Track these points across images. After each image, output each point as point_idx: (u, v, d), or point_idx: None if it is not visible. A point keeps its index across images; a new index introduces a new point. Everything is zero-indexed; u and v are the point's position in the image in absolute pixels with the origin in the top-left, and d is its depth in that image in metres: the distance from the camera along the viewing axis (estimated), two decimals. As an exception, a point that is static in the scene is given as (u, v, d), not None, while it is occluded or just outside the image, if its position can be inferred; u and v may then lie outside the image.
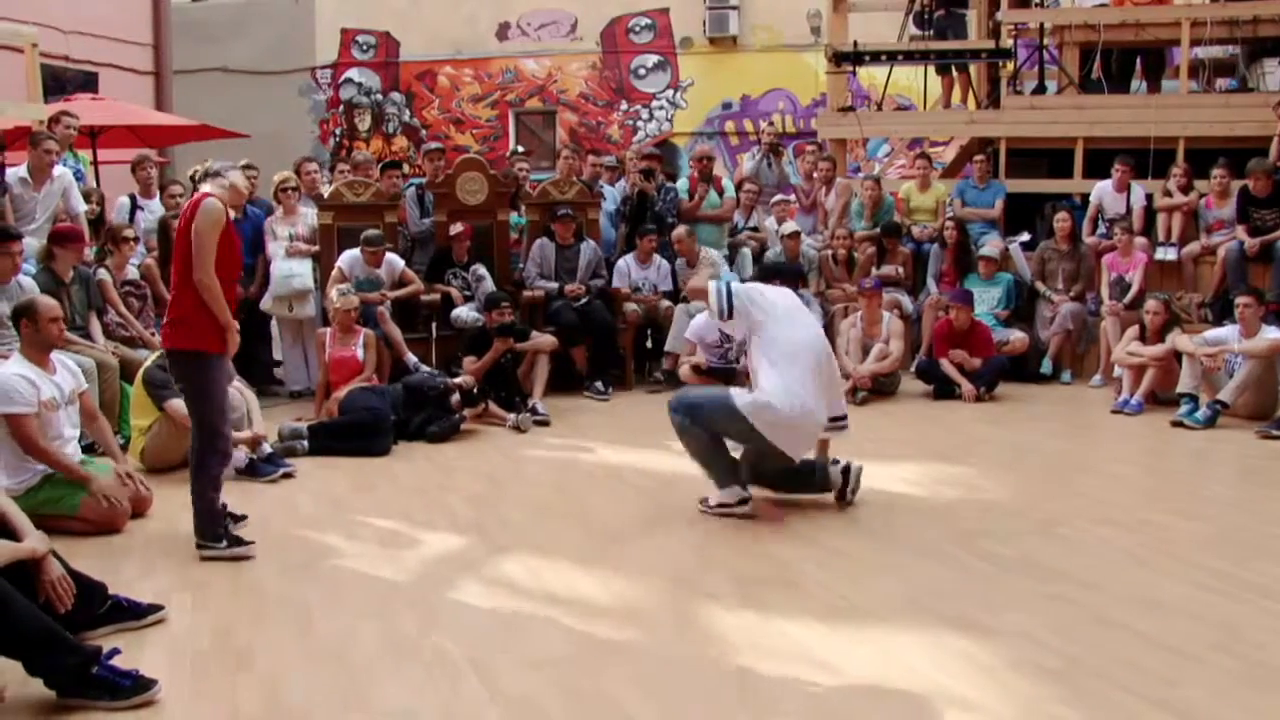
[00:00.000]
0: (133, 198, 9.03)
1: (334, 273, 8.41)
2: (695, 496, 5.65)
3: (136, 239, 8.08)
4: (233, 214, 4.94)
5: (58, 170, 7.80)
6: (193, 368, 4.83)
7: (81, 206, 8.00)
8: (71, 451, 5.36)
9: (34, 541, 3.66)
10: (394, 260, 8.74)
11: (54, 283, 6.97)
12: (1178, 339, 7.96)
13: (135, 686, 3.41)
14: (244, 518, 5.29)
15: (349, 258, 8.49)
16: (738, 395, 5.28)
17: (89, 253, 7.91)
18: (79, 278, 7.25)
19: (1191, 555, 4.78)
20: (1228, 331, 7.83)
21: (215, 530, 4.86)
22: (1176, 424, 7.51)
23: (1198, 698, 3.37)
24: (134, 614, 4.02)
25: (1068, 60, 11.34)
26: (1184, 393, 7.70)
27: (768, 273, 6.29)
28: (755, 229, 10.43)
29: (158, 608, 4.09)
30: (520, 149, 12.36)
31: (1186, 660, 3.65)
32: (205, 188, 4.89)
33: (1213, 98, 10.88)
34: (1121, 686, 3.44)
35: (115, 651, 3.54)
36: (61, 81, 12.15)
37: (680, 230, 9.58)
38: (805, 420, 5.21)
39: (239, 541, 4.89)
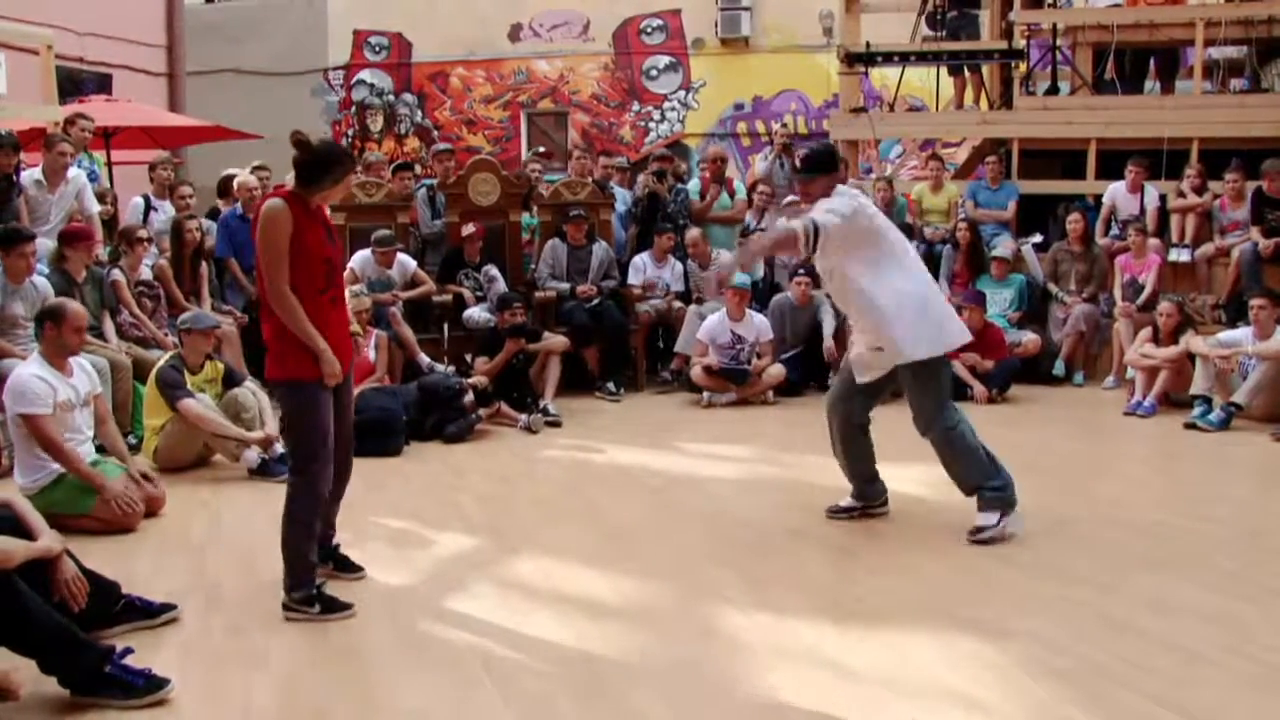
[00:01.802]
0: (146, 198, 9.06)
1: (345, 274, 8.41)
2: (706, 496, 5.63)
3: (150, 240, 8.11)
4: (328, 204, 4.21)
5: (72, 172, 7.85)
6: (286, 398, 4.23)
7: (95, 208, 8.05)
8: (85, 453, 5.38)
9: (48, 540, 3.67)
10: (405, 261, 8.76)
11: (66, 283, 7.00)
12: (1191, 341, 7.93)
13: (148, 685, 3.42)
14: (360, 570, 4.61)
15: (361, 258, 8.51)
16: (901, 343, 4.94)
17: (103, 253, 7.96)
18: (92, 278, 7.29)
19: (1204, 557, 4.76)
20: (1242, 333, 7.81)
21: (305, 586, 4.14)
22: (1190, 426, 7.49)
23: (1210, 700, 3.36)
24: (147, 613, 4.03)
25: (1081, 61, 11.30)
26: (1197, 395, 7.68)
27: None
28: (766, 230, 10.41)
29: (171, 607, 4.10)
30: (540, 149, 12.37)
31: (1198, 662, 3.64)
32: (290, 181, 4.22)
33: (1227, 98, 10.83)
34: (1132, 688, 3.43)
35: (128, 650, 3.55)
36: (76, 83, 12.20)
37: (695, 233, 9.60)
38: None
39: (334, 606, 4.16)
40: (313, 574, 4.23)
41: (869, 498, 5.41)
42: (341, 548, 4.66)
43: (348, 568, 4.61)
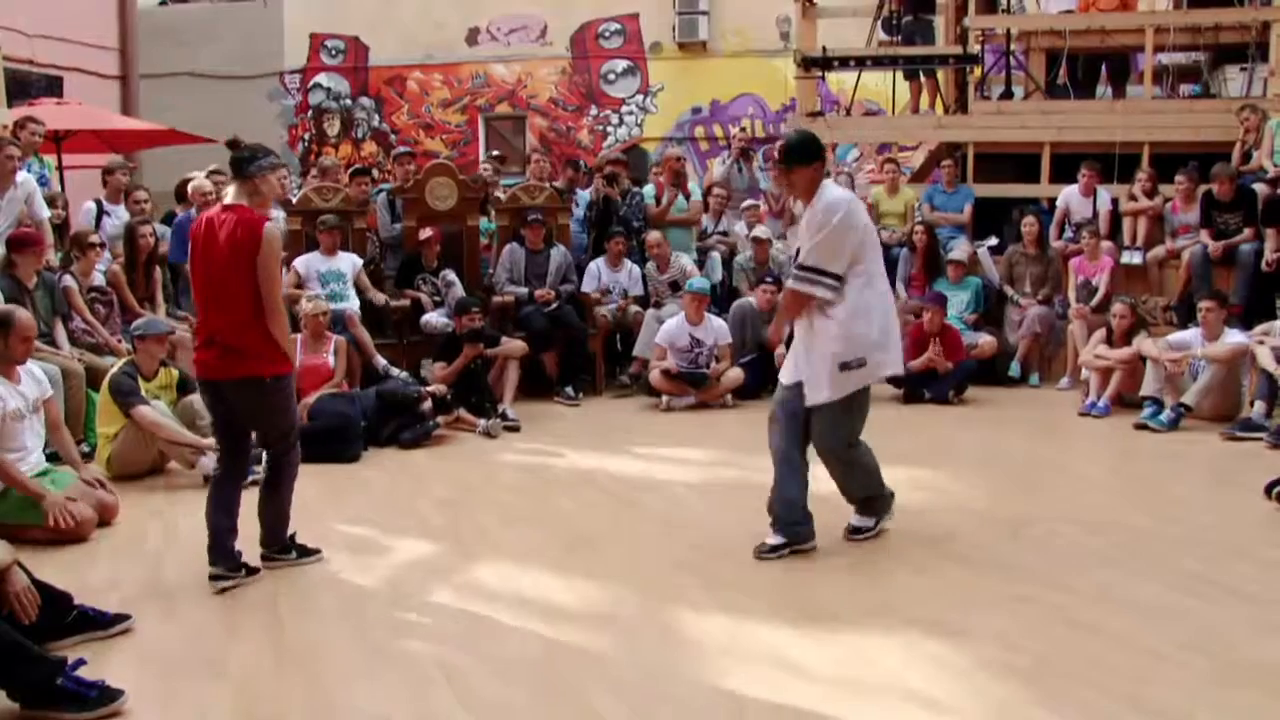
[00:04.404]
0: (99, 203, 8.93)
1: (289, 276, 8.21)
2: (666, 500, 5.64)
3: (103, 245, 8.00)
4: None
5: (21, 176, 7.70)
6: (275, 390, 4.61)
7: (45, 213, 7.90)
8: (35, 461, 5.30)
9: (-2, 552, 3.61)
10: (355, 259, 8.72)
11: (17, 289, 6.89)
12: (1142, 344, 8.02)
13: (101, 697, 3.37)
14: (318, 552, 5.02)
15: (304, 261, 8.40)
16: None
17: (54, 258, 7.83)
18: (43, 284, 7.17)
19: (1160, 555, 4.82)
20: (1191, 335, 7.92)
21: (282, 539, 4.83)
22: (1140, 427, 7.57)
23: (1168, 697, 3.40)
24: (100, 624, 3.97)
25: (1034, 66, 11.43)
26: (1147, 396, 7.76)
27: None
28: (725, 233, 10.46)
29: (124, 617, 4.05)
30: (495, 153, 12.32)
31: (1157, 660, 3.68)
32: (232, 195, 4.59)
33: (1176, 103, 10.99)
34: (1092, 686, 3.47)
35: (81, 662, 3.50)
36: (25, 85, 12.01)
37: (656, 235, 9.61)
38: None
39: (306, 551, 4.89)
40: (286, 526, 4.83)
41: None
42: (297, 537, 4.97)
43: (307, 553, 4.94)
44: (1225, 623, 4.02)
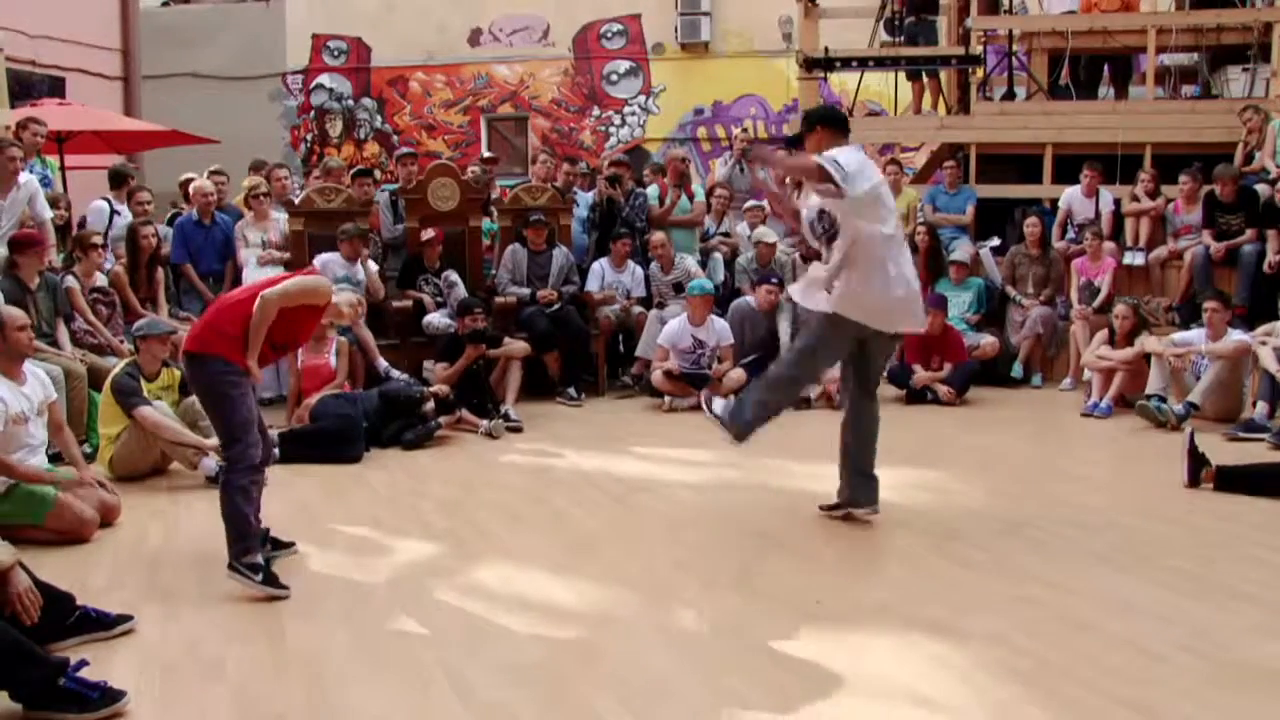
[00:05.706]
0: (108, 201, 8.95)
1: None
2: (667, 500, 5.63)
3: (105, 246, 8.01)
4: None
5: (23, 177, 7.72)
6: (212, 372, 4.53)
7: (48, 214, 7.92)
8: (36, 462, 5.30)
9: (0, 553, 3.62)
10: (370, 264, 8.74)
11: (19, 290, 6.91)
12: (1146, 340, 8.02)
13: (104, 698, 3.37)
14: (290, 545, 5.00)
15: (324, 260, 8.42)
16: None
17: (57, 259, 7.85)
18: (45, 284, 7.18)
19: (1160, 557, 4.82)
20: (1195, 334, 7.91)
21: (245, 548, 4.45)
22: (1144, 413, 7.51)
23: (1166, 698, 3.40)
24: (102, 624, 3.97)
25: (1036, 67, 11.43)
26: (1152, 395, 7.75)
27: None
28: (727, 234, 10.46)
29: (127, 618, 4.05)
30: (487, 154, 12.34)
31: (1155, 661, 3.68)
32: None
33: (1179, 104, 11.00)
34: (1091, 687, 3.47)
35: (83, 663, 3.50)
36: (28, 86, 12.04)
37: (660, 235, 9.60)
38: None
39: (275, 582, 4.44)
40: (255, 536, 4.55)
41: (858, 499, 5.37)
42: (271, 531, 4.93)
43: (280, 545, 4.95)
44: (1225, 624, 4.02)
